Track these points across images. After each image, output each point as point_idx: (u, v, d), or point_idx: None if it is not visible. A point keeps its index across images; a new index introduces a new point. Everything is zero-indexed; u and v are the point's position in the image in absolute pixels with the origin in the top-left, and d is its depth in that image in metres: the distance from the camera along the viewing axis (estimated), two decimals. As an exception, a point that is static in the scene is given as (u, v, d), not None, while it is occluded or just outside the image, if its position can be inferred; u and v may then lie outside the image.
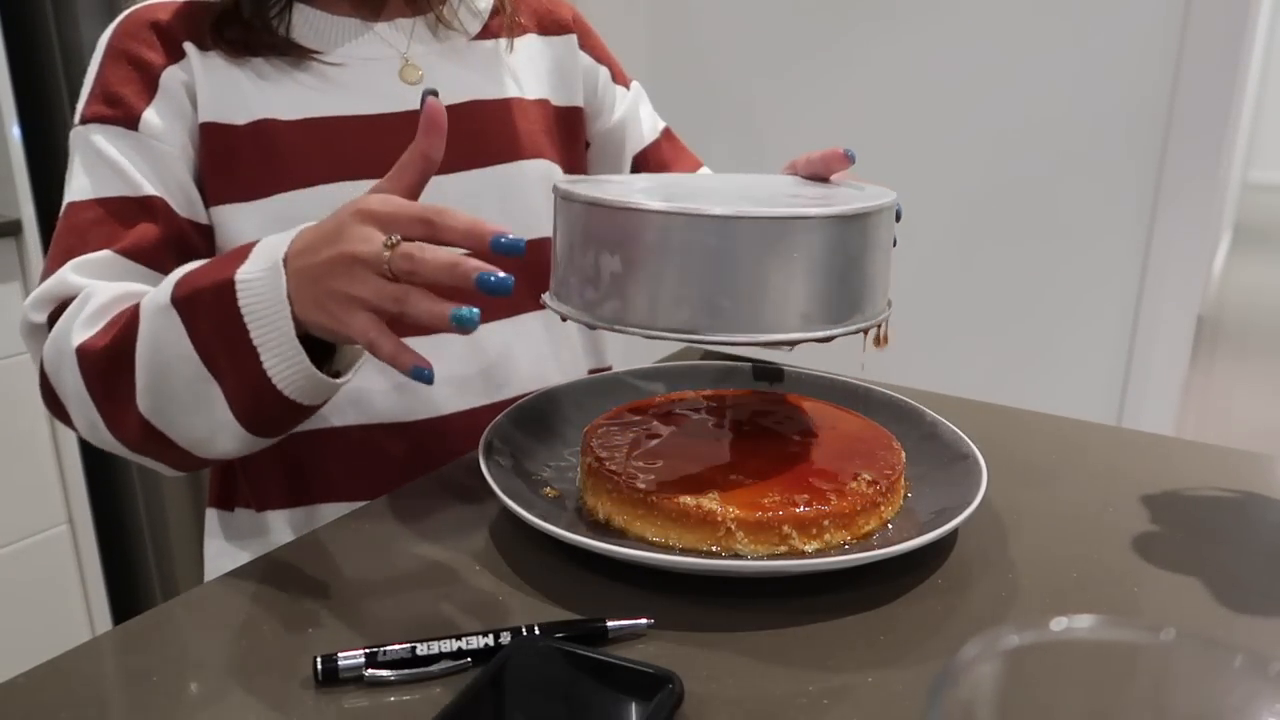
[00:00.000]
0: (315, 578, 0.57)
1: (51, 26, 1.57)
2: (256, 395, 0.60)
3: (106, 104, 0.73)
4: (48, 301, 0.69)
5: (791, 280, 0.54)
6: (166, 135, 0.73)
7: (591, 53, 0.92)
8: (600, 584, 0.55)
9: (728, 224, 0.53)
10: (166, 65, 0.74)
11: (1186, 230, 1.78)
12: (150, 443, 0.65)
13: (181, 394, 0.62)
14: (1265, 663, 0.29)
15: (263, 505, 0.79)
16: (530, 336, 0.83)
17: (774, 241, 0.54)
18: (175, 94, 0.74)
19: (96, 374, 0.65)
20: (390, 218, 0.54)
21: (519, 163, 0.82)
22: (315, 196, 0.74)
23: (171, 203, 0.73)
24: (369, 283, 0.54)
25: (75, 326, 0.66)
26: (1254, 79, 4.77)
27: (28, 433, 1.62)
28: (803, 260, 0.54)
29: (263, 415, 0.61)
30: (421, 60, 0.80)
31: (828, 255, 0.55)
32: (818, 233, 0.54)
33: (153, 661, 0.49)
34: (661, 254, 0.54)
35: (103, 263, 0.70)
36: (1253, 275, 4.89)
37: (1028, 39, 1.83)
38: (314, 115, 0.75)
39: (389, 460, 0.77)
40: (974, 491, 0.58)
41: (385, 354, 0.55)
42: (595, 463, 0.61)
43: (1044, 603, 0.54)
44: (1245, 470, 0.70)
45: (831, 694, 0.46)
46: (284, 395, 0.59)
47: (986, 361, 2.02)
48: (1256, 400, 3.28)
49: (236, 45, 0.75)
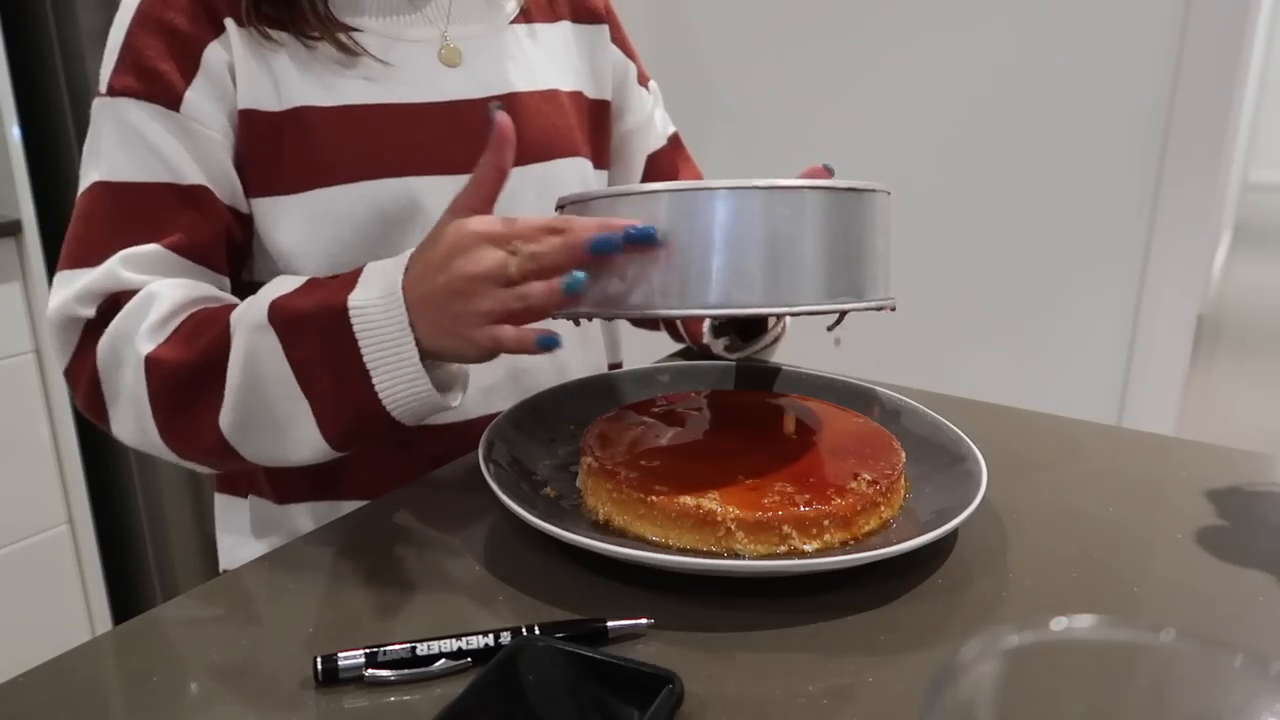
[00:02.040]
0: (315, 578, 0.57)
1: (51, 26, 1.56)
2: (361, 416, 0.61)
3: (143, 78, 0.68)
4: (96, 295, 0.67)
5: (834, 248, 0.57)
6: (211, 119, 0.70)
7: (622, 46, 0.91)
8: (600, 584, 0.55)
9: (790, 195, 0.56)
10: (209, 40, 0.70)
11: (1186, 230, 1.78)
12: (215, 457, 0.65)
13: (269, 412, 0.62)
14: (1265, 663, 0.29)
15: (283, 500, 0.79)
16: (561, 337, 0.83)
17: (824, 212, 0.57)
18: (218, 74, 0.70)
19: (172, 386, 0.64)
20: (514, 235, 0.57)
21: (556, 161, 0.81)
22: (357, 193, 0.72)
23: (218, 193, 0.70)
24: (492, 295, 0.57)
25: (142, 332, 0.65)
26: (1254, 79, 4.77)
27: (28, 433, 1.62)
28: (833, 230, 0.57)
29: (359, 433, 0.62)
30: (461, 42, 0.78)
31: (859, 227, 0.58)
32: (856, 204, 0.58)
33: (153, 661, 0.49)
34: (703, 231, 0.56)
35: (154, 258, 0.68)
36: (1253, 275, 4.89)
37: (1028, 39, 1.83)
38: (352, 103, 0.73)
39: (415, 464, 0.76)
40: (974, 491, 0.58)
41: (512, 346, 0.58)
42: (595, 463, 0.61)
43: (1044, 603, 0.53)
44: (1245, 470, 0.70)
45: (831, 694, 0.46)
46: (391, 415, 0.61)
47: (986, 361, 2.02)
48: (1256, 400, 3.28)
49: (274, 21, 0.71)
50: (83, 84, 1.58)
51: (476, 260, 0.56)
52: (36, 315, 1.61)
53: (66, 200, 1.67)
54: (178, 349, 0.64)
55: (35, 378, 1.62)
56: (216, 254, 0.71)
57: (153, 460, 1.75)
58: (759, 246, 0.55)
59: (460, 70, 0.77)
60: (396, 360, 0.59)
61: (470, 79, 0.77)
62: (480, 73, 0.78)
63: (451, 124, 0.76)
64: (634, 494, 0.57)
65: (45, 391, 1.63)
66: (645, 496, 0.57)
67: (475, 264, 0.56)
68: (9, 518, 1.62)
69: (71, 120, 1.61)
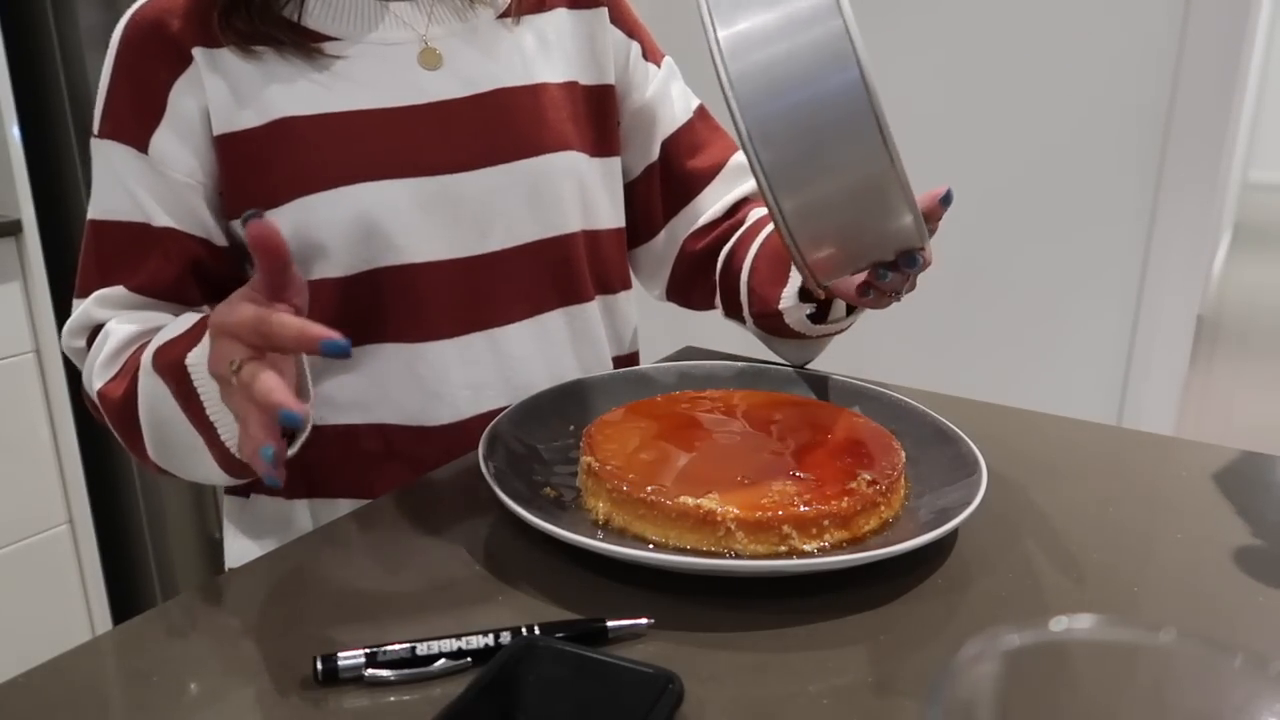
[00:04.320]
0: (315, 578, 0.57)
1: (51, 26, 1.56)
2: (226, 458, 0.66)
3: (116, 123, 0.73)
4: (80, 330, 0.75)
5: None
6: (177, 162, 0.72)
7: (623, 26, 0.88)
8: (600, 584, 0.55)
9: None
10: (174, 80, 0.71)
11: (1186, 230, 1.78)
12: (163, 474, 0.73)
13: (177, 447, 0.67)
14: (1265, 663, 0.29)
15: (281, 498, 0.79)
16: (552, 336, 0.82)
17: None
18: (185, 113, 0.72)
19: (115, 421, 0.72)
20: (231, 329, 0.54)
21: (545, 156, 0.79)
22: (335, 199, 0.72)
23: (184, 231, 0.73)
24: (232, 396, 0.56)
25: (96, 369, 0.72)
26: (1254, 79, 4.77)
27: (28, 433, 1.62)
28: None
29: (243, 468, 0.67)
30: (441, 43, 0.77)
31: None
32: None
33: (153, 661, 0.49)
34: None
35: (120, 298, 0.74)
36: (1253, 275, 4.89)
37: (1027, 39, 1.83)
38: (331, 110, 0.73)
39: (409, 462, 0.77)
40: (974, 491, 0.58)
41: (248, 450, 0.55)
42: (595, 463, 0.61)
43: (1044, 603, 0.53)
44: (1245, 470, 0.70)
45: (831, 694, 0.46)
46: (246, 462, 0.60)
47: (986, 361, 2.02)
48: (1256, 400, 3.28)
49: (246, 36, 0.72)
50: (83, 84, 1.58)
51: (217, 358, 0.56)
52: (36, 315, 1.61)
53: (66, 200, 1.67)
54: (116, 385, 0.70)
55: (35, 378, 1.62)
56: (183, 290, 0.75)
57: (153, 460, 1.76)
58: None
59: (441, 71, 0.76)
60: (226, 415, 0.63)
61: (453, 78, 0.77)
62: (462, 71, 0.77)
63: (435, 125, 0.75)
64: (634, 494, 0.57)
65: (45, 391, 1.63)
66: (645, 496, 0.57)
67: (214, 363, 0.56)
68: (9, 518, 1.62)
69: (71, 120, 1.61)
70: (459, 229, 0.76)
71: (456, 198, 0.75)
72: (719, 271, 0.88)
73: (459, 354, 0.77)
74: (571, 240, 0.82)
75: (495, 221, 0.77)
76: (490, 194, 0.77)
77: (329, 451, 0.77)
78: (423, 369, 0.76)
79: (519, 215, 0.78)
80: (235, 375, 0.54)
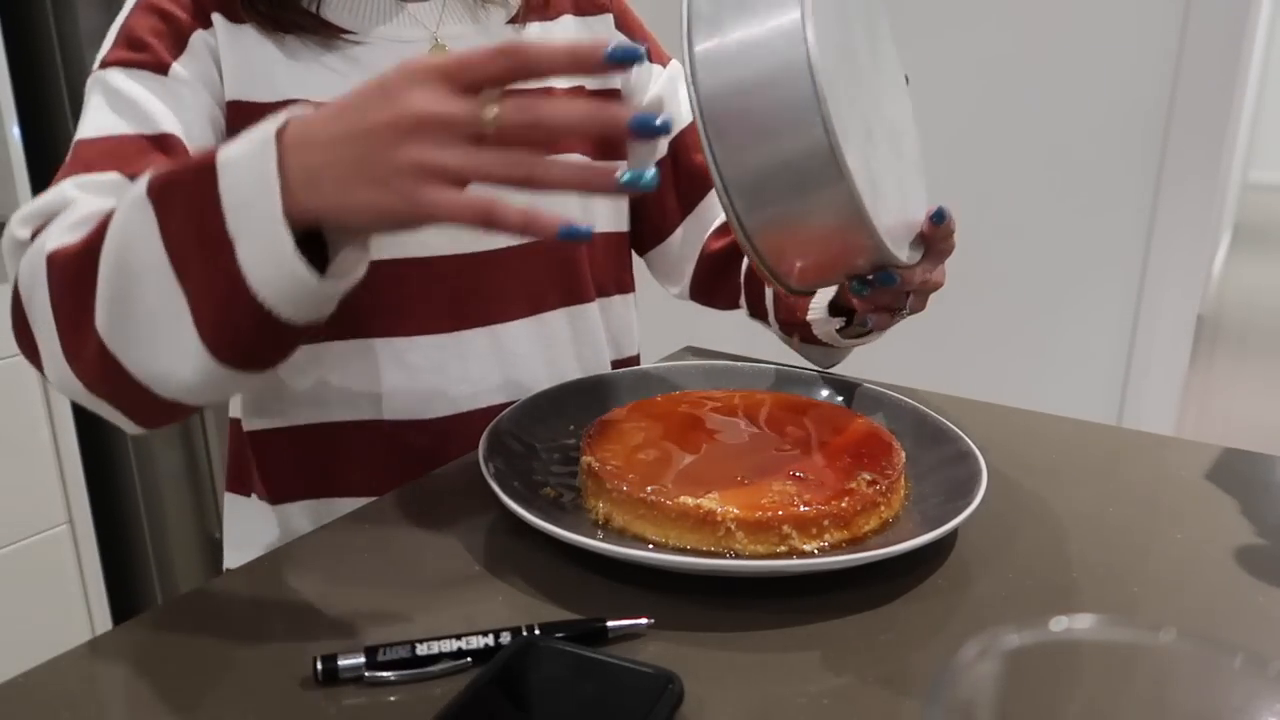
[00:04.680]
0: (315, 578, 0.57)
1: (51, 26, 1.56)
2: (228, 300, 0.51)
3: (133, 49, 0.69)
4: (37, 216, 0.61)
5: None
6: (195, 91, 0.70)
7: (628, 31, 0.90)
8: (600, 584, 0.55)
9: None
10: (196, 28, 0.71)
11: (1186, 230, 1.78)
12: (106, 377, 0.55)
13: (144, 305, 0.53)
14: (1265, 663, 0.29)
15: (278, 499, 0.79)
16: (553, 335, 0.82)
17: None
18: (202, 57, 0.70)
19: (62, 283, 0.55)
20: (459, 66, 0.45)
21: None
22: None
23: (189, 143, 0.69)
24: (456, 150, 0.45)
25: (54, 233, 0.58)
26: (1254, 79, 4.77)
27: (28, 433, 1.62)
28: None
29: (232, 330, 0.52)
30: (453, 42, 0.78)
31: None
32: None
33: (153, 661, 0.49)
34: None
35: (109, 183, 0.63)
36: (1253, 275, 4.89)
37: (1027, 39, 1.83)
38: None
39: (407, 458, 0.77)
40: (974, 491, 0.58)
41: (514, 224, 0.46)
42: (595, 463, 0.61)
43: (1044, 603, 0.53)
44: (1245, 470, 0.70)
45: (831, 694, 0.46)
46: (258, 300, 0.50)
47: (986, 361, 2.02)
48: (1256, 400, 3.28)
49: (266, 19, 0.72)
50: (82, 84, 1.58)
51: (430, 100, 0.45)
52: (36, 315, 1.60)
53: (66, 200, 1.67)
54: (75, 242, 0.56)
55: (35, 378, 1.62)
56: None
57: (152, 460, 1.75)
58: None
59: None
60: (259, 219, 0.49)
61: None
62: None
63: None
64: (634, 494, 0.57)
65: (45, 391, 1.63)
66: (645, 496, 0.57)
67: (429, 103, 0.45)
68: (9, 518, 1.62)
69: (71, 120, 1.61)
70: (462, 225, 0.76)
71: None
72: (744, 274, 0.89)
73: (458, 348, 0.77)
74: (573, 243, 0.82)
75: None
76: (495, 191, 0.77)
77: (325, 451, 0.77)
78: (420, 362, 0.76)
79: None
80: (499, 104, 0.43)
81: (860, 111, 0.57)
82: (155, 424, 0.60)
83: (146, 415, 0.59)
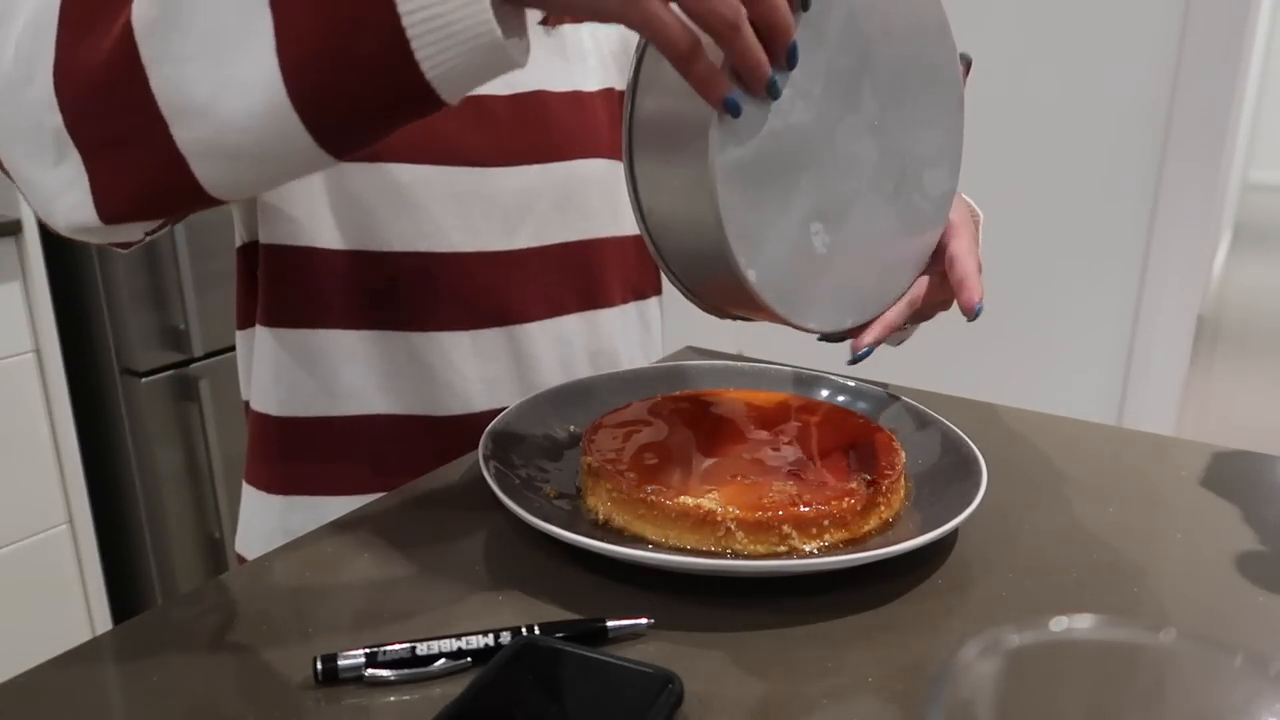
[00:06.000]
0: (315, 577, 0.57)
1: None
2: (297, 48, 0.40)
3: None
4: None
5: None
6: None
7: None
8: (600, 584, 0.55)
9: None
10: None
11: (1186, 230, 1.78)
12: (107, 103, 0.43)
13: (211, 21, 0.41)
14: (1265, 663, 0.29)
15: (286, 492, 0.79)
16: (570, 340, 0.83)
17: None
18: None
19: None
20: None
21: (578, 161, 0.81)
22: (370, 172, 0.72)
23: None
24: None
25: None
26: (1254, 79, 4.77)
27: (28, 433, 1.62)
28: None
29: (335, 56, 0.40)
30: None
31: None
32: None
33: (153, 661, 0.49)
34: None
35: None
36: (1253, 275, 4.89)
37: (1027, 39, 1.83)
38: None
39: (417, 454, 0.77)
40: (974, 491, 0.58)
41: (700, 73, 0.43)
42: (595, 463, 0.61)
43: (1044, 603, 0.54)
44: (1245, 470, 0.70)
45: (831, 694, 0.46)
46: (410, 47, 0.39)
47: (986, 361, 2.02)
48: (1256, 400, 3.28)
49: None
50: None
51: None
52: (36, 315, 1.61)
53: (66, 200, 1.67)
54: None
55: (35, 378, 1.62)
56: None
57: (153, 459, 1.75)
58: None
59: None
60: None
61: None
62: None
63: (475, 118, 0.76)
64: (634, 494, 0.57)
65: (45, 391, 1.63)
66: (645, 496, 0.57)
67: None
68: (9, 518, 1.62)
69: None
70: (488, 223, 0.77)
71: (492, 191, 0.76)
72: None
73: (474, 346, 0.77)
74: (595, 246, 0.83)
75: (525, 220, 0.78)
76: (523, 193, 0.77)
77: (336, 445, 0.77)
78: (435, 358, 0.76)
79: (548, 216, 0.79)
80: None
81: (822, 186, 0.57)
82: (119, 216, 0.46)
83: (115, 196, 0.45)
